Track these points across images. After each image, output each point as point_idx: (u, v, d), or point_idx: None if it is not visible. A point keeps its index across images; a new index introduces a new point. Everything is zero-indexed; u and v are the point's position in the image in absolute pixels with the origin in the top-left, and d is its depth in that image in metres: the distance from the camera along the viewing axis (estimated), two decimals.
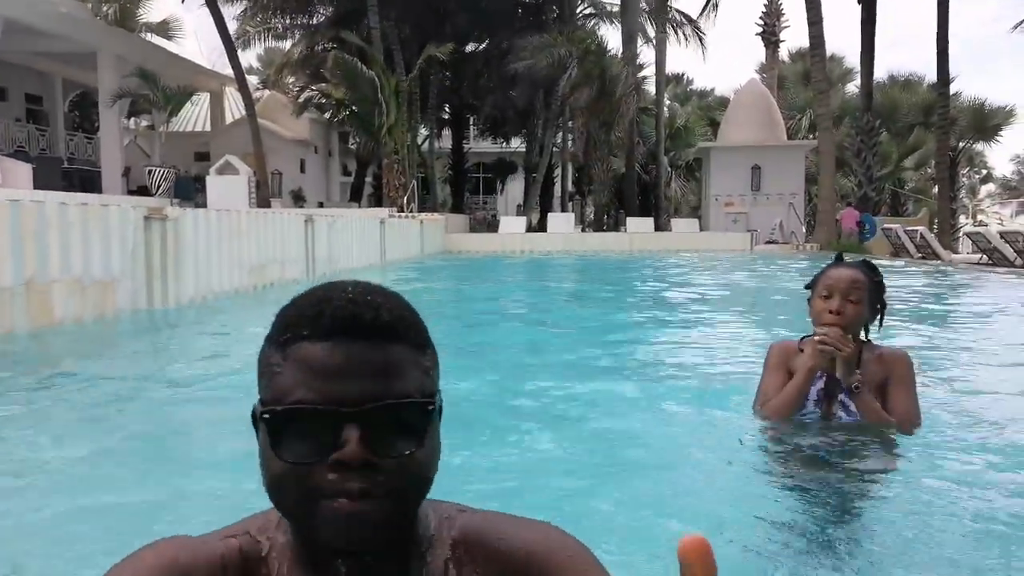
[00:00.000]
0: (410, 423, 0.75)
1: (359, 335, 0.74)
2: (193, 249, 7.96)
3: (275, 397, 0.75)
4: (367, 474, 0.72)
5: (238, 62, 22.81)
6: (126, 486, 2.64)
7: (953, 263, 15.37)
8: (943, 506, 2.24)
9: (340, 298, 0.76)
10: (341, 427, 0.72)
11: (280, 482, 0.74)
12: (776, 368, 2.65)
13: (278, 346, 0.77)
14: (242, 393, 4.11)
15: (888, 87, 30.72)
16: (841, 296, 2.46)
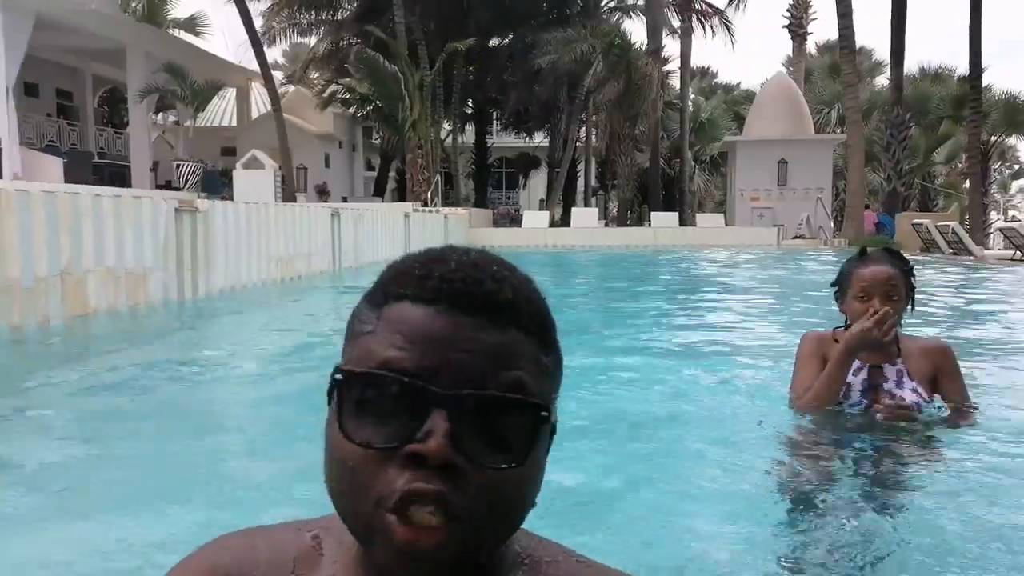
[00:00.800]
0: (514, 428, 0.58)
1: (473, 307, 0.59)
2: (223, 241, 8.03)
3: (359, 362, 0.59)
4: (448, 481, 0.55)
5: (264, 58, 22.98)
6: (154, 471, 2.65)
7: (985, 259, 15.10)
8: (986, 500, 2.19)
9: (457, 260, 0.62)
10: (428, 411, 0.56)
11: (340, 472, 0.57)
12: (810, 358, 2.58)
13: (373, 304, 0.63)
14: (270, 384, 4.13)
15: (918, 80, 30.21)
16: (881, 297, 2.40)
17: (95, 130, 23.62)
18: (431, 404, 0.55)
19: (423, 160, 22.93)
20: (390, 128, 24.62)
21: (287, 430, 3.11)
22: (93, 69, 23.28)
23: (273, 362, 4.76)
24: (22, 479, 2.56)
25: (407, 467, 0.55)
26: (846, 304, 2.50)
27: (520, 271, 0.65)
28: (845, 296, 2.50)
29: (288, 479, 2.45)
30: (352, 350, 0.62)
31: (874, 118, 28.02)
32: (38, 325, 5.45)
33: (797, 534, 1.99)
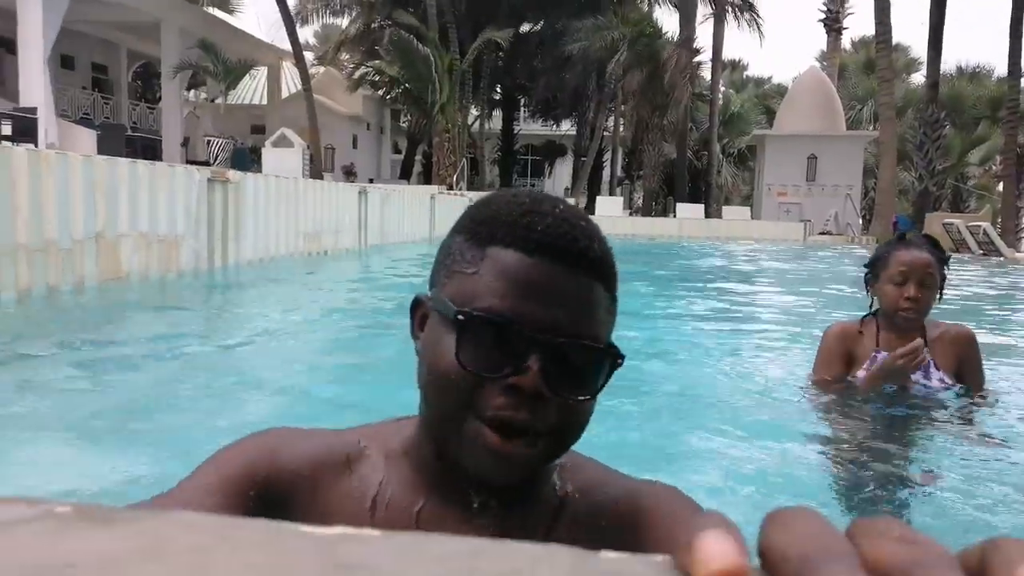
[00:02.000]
0: (591, 369, 0.70)
1: (567, 261, 0.69)
2: (253, 212, 8.14)
3: (461, 299, 0.69)
4: (535, 408, 0.68)
5: (296, 37, 23.08)
6: (173, 428, 2.73)
7: (1017, 260, 14.86)
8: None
9: (552, 213, 0.70)
10: (527, 352, 0.67)
11: (448, 387, 0.69)
12: (833, 355, 2.57)
13: (476, 243, 0.71)
14: (293, 351, 4.20)
15: (955, 79, 29.67)
16: (917, 282, 2.39)
17: (128, 104, 23.89)
18: (529, 347, 0.67)
19: (450, 144, 22.96)
20: (418, 111, 24.67)
21: (309, 395, 3.17)
22: (128, 43, 23.52)
23: (298, 330, 4.84)
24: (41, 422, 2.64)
25: (505, 393, 0.67)
26: (879, 286, 2.48)
27: (595, 224, 0.74)
28: (878, 278, 2.48)
29: None
30: (452, 284, 0.72)
31: (908, 116, 27.60)
32: (73, 286, 5.58)
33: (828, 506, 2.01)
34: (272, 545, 0.18)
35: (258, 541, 0.18)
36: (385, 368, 3.65)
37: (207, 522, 0.19)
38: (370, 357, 3.96)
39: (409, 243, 13.07)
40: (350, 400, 3.00)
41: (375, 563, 0.17)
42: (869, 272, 2.56)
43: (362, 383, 3.35)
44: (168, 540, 0.18)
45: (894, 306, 2.42)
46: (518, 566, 0.17)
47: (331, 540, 0.18)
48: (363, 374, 3.55)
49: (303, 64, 23.27)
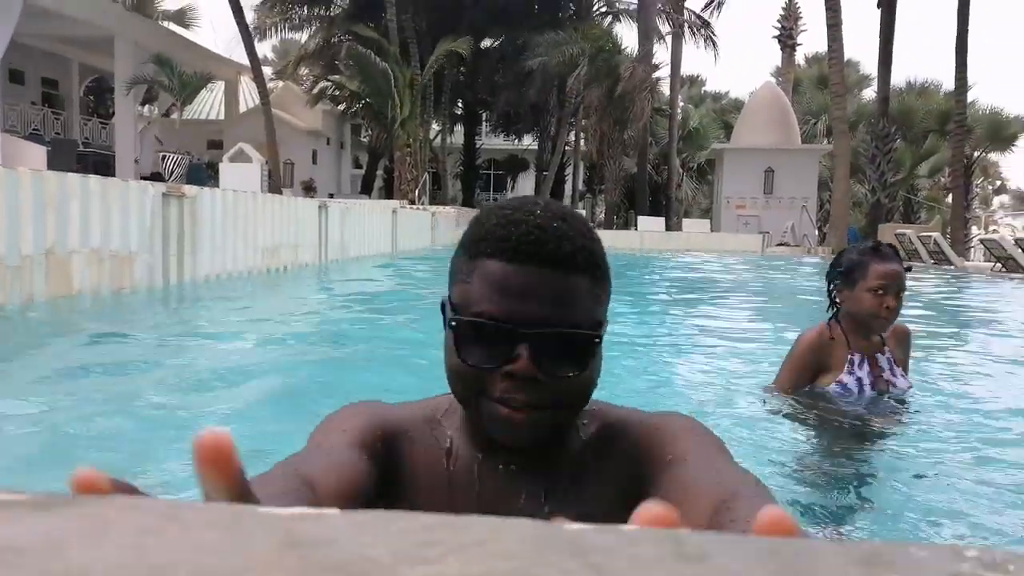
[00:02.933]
0: (577, 349, 0.83)
1: (541, 262, 0.81)
2: (210, 228, 7.98)
3: (461, 304, 0.85)
4: (532, 387, 0.82)
5: (254, 51, 22.86)
6: (120, 449, 2.63)
7: (966, 269, 15.30)
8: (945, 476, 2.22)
9: (528, 222, 0.82)
10: (516, 344, 0.81)
11: (458, 377, 0.86)
12: (805, 366, 2.60)
13: (469, 257, 0.86)
14: (249, 370, 4.10)
15: (904, 93, 30.56)
16: (894, 293, 2.46)
17: (80, 119, 23.38)
18: (517, 339, 0.81)
19: (411, 159, 22.90)
20: (379, 126, 24.57)
21: (259, 414, 3.08)
22: (80, 57, 23.05)
23: (252, 348, 4.73)
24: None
25: (504, 378, 0.82)
26: (854, 293, 2.51)
27: (577, 219, 0.86)
28: (854, 286, 2.51)
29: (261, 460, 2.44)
30: (456, 290, 0.87)
31: (860, 130, 28.30)
32: (22, 303, 5.39)
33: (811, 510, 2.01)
34: (223, 525, 0.17)
35: (209, 521, 0.17)
36: (344, 383, 3.59)
37: (153, 505, 0.19)
38: (329, 372, 3.89)
39: (371, 258, 12.95)
40: (308, 415, 2.93)
41: (332, 539, 0.17)
42: (840, 279, 2.58)
43: (320, 399, 3.27)
44: (113, 523, 0.17)
45: (872, 314, 2.47)
46: (479, 538, 0.17)
47: (287, 519, 0.18)
48: (321, 390, 3.47)
49: (261, 78, 23.04)
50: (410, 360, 4.26)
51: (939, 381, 3.65)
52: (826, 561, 0.17)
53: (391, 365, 4.09)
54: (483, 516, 0.20)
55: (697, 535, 0.18)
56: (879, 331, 2.54)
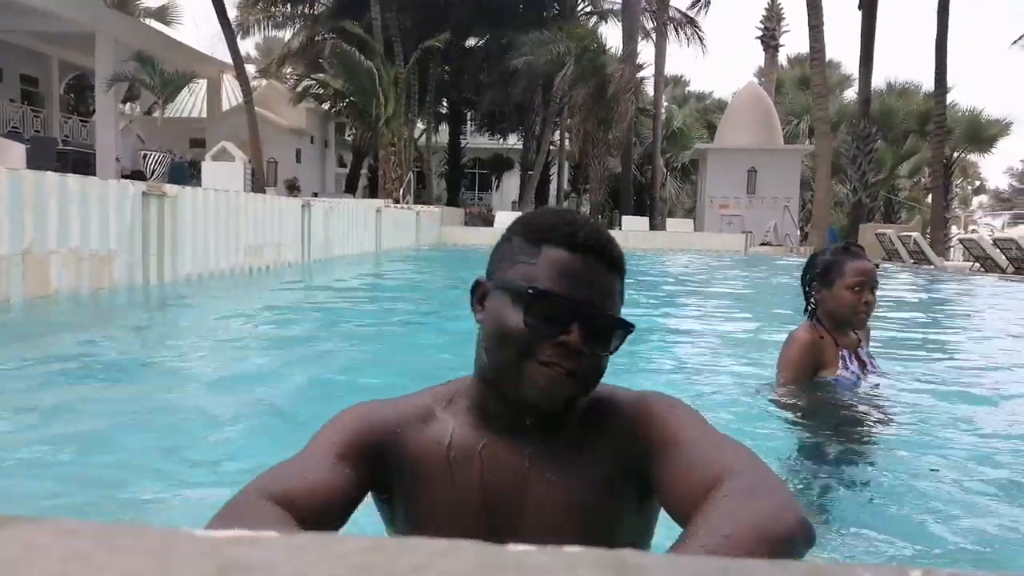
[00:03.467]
0: (612, 334, 1.01)
1: (599, 258, 1.01)
2: (191, 227, 7.92)
3: (526, 281, 1.00)
4: (575, 358, 0.98)
5: (237, 49, 22.70)
6: (104, 455, 2.61)
7: (945, 269, 15.47)
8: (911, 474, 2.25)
9: (588, 226, 1.03)
10: (572, 320, 0.98)
11: (512, 339, 0.99)
12: (804, 365, 2.64)
13: (532, 243, 1.02)
14: (228, 370, 4.08)
15: (885, 94, 30.84)
16: (871, 289, 2.55)
17: (60, 117, 23.11)
18: (574, 316, 0.98)
19: (396, 158, 22.83)
20: (363, 125, 24.49)
21: (238, 415, 3.06)
22: (60, 55, 22.79)
23: (234, 348, 4.71)
24: None
25: (556, 346, 0.98)
26: (832, 292, 2.57)
27: (613, 236, 1.06)
28: (831, 285, 2.58)
29: (241, 461, 2.43)
30: (515, 271, 1.02)
31: (842, 131, 28.54)
32: None
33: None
34: (155, 550, 0.17)
35: (141, 547, 0.17)
36: (326, 381, 3.58)
37: (86, 529, 0.18)
38: (311, 371, 3.87)
39: (355, 257, 12.91)
40: (290, 416, 2.92)
41: (267, 563, 0.16)
42: (818, 279, 2.64)
43: (301, 399, 3.26)
44: (43, 548, 0.16)
45: (852, 310, 2.55)
46: (418, 561, 0.16)
47: (222, 543, 0.17)
48: (303, 390, 3.46)
49: (244, 76, 22.88)
50: (393, 358, 4.26)
51: (920, 378, 3.70)
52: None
53: (375, 363, 4.08)
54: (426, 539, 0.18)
55: (640, 556, 0.17)
56: (859, 327, 2.62)
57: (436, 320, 6.10)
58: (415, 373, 3.61)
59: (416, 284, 10.33)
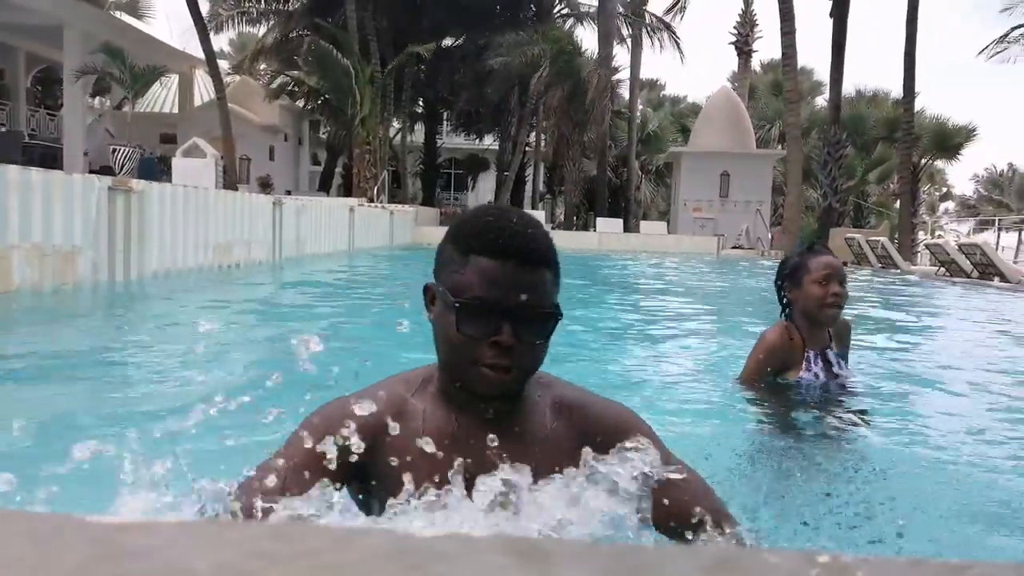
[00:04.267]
0: (542, 325, 1.14)
1: (520, 260, 1.12)
2: (158, 223, 7.81)
3: (456, 291, 1.13)
4: (511, 353, 1.11)
5: (209, 44, 22.41)
6: (61, 456, 2.56)
7: (912, 273, 15.75)
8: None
9: (509, 228, 1.13)
10: (501, 321, 1.11)
11: (455, 347, 1.13)
12: (769, 364, 2.72)
13: (460, 252, 1.15)
14: (189, 369, 4.02)
15: (855, 101, 31.31)
16: (838, 281, 2.63)
17: (27, 110, 22.67)
18: (502, 317, 1.11)
19: (370, 157, 22.71)
20: (338, 123, 24.34)
21: (199, 414, 3.01)
22: (27, 47, 22.35)
23: (197, 345, 4.64)
24: None
25: (491, 347, 1.11)
26: (802, 290, 2.66)
27: (540, 226, 1.17)
28: (800, 283, 2.67)
29: (203, 462, 2.39)
30: (447, 278, 1.16)
31: (813, 136, 28.93)
32: None
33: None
34: (42, 536, 0.16)
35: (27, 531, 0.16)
36: (293, 380, 3.54)
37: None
38: (275, 367, 3.82)
39: (327, 255, 12.81)
40: (253, 418, 2.88)
41: (154, 549, 0.15)
42: (787, 280, 2.73)
43: (266, 401, 3.22)
44: None
45: (821, 303, 2.62)
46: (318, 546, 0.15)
47: (112, 528, 0.16)
48: (269, 392, 3.41)
49: (217, 71, 22.60)
50: (360, 352, 4.23)
51: (883, 377, 3.76)
52: (674, 567, 0.16)
53: (342, 362, 4.05)
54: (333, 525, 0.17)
55: (544, 542, 0.19)
56: (831, 320, 2.67)
57: (402, 316, 6.08)
58: (381, 368, 3.59)
59: (386, 282, 10.28)
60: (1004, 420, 3.09)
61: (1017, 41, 22.41)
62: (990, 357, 5.09)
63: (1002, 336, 6.53)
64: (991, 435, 2.83)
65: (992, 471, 2.35)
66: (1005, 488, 2.18)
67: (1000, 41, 22.73)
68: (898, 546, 1.65)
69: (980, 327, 7.34)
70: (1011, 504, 2.04)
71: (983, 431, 2.88)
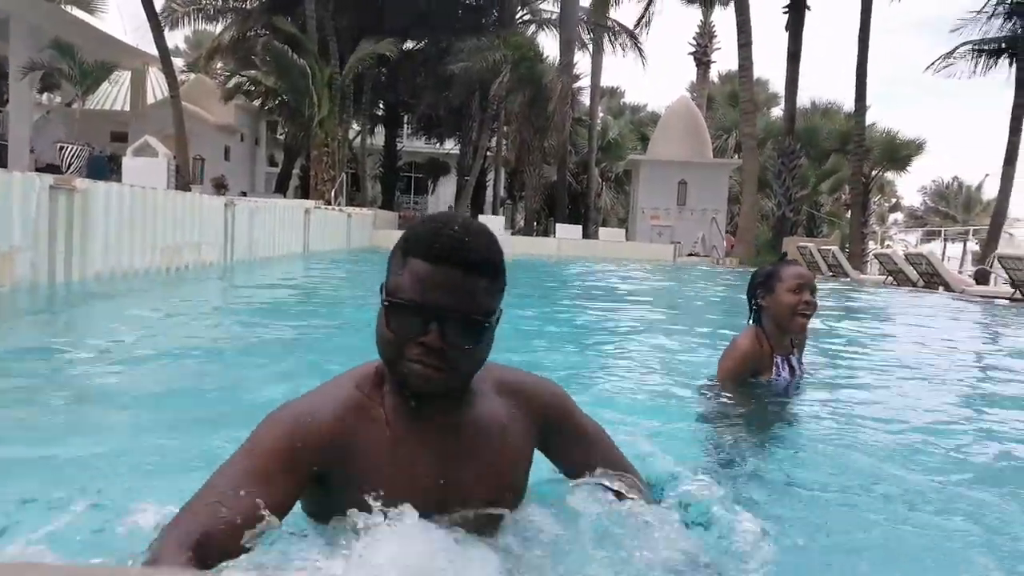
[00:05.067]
0: (473, 329, 1.17)
1: (453, 265, 1.15)
2: (103, 224, 7.59)
3: (394, 291, 1.18)
4: (439, 355, 1.15)
5: (163, 40, 21.94)
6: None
7: (861, 281, 16.12)
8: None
9: (447, 235, 1.16)
10: (430, 322, 1.15)
11: (386, 344, 1.18)
12: (743, 371, 2.81)
13: (402, 254, 1.20)
14: (132, 373, 3.90)
15: (809, 113, 32.01)
16: (810, 291, 2.73)
17: None
18: (431, 319, 1.15)
19: (328, 159, 22.46)
20: (296, 124, 24.02)
21: (140, 422, 2.92)
22: None
23: (138, 349, 4.50)
24: None
25: (418, 346, 1.15)
26: (775, 297, 2.75)
27: (484, 232, 1.21)
28: (774, 291, 2.76)
29: (148, 476, 2.31)
30: (390, 281, 1.20)
31: (768, 147, 29.47)
32: None
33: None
34: None
35: None
36: (241, 385, 3.45)
37: None
38: (225, 376, 3.73)
39: (281, 258, 12.61)
40: (197, 425, 2.79)
41: None
42: (761, 287, 2.82)
43: (213, 407, 3.13)
44: None
45: (793, 311, 2.71)
46: None
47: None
48: (216, 397, 3.32)
49: (171, 68, 22.14)
50: (309, 360, 4.15)
51: (836, 381, 3.83)
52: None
53: (290, 367, 3.96)
54: (118, 568, 0.20)
55: None
56: (799, 328, 2.77)
57: (346, 319, 6.00)
58: (325, 372, 3.53)
59: (339, 286, 10.15)
60: (934, 418, 3.17)
61: (963, 57, 23.16)
62: (924, 361, 5.22)
63: (941, 343, 6.70)
64: (924, 428, 2.90)
65: (915, 451, 2.38)
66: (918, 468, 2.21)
67: (947, 57, 23.47)
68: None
69: (923, 331, 7.54)
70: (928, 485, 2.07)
71: (920, 424, 2.96)
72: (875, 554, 1.71)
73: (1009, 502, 2.09)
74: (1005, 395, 4.19)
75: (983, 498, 2.11)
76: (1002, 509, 2.03)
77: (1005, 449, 2.78)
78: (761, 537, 1.42)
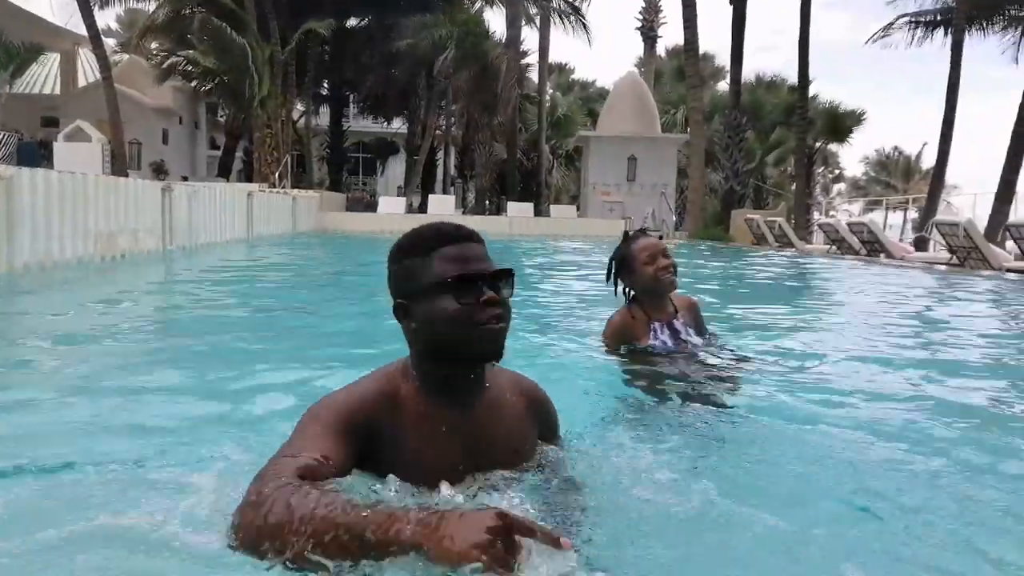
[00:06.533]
0: (510, 279, 1.46)
1: (468, 239, 1.45)
2: (30, 212, 7.25)
3: (439, 278, 1.40)
4: (497, 306, 1.41)
5: (93, 20, 21.05)
6: None
7: (806, 251, 16.45)
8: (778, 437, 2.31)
9: (444, 224, 1.47)
10: (481, 284, 1.40)
11: (455, 324, 1.39)
12: (616, 342, 3.00)
13: (422, 256, 1.43)
14: (65, 371, 3.72)
15: (755, 87, 32.37)
16: (662, 254, 2.88)
17: None
18: (481, 282, 1.41)
19: (272, 140, 21.95)
20: (236, 105, 23.38)
21: (70, 421, 2.76)
22: None
23: (69, 345, 4.30)
24: None
25: (485, 305, 1.40)
26: (636, 276, 2.91)
27: None
28: (633, 270, 2.91)
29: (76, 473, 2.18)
30: (421, 282, 1.43)
31: (715, 121, 29.76)
32: None
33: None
34: None
35: None
36: (180, 381, 3.30)
37: None
38: (161, 370, 3.57)
39: (223, 244, 12.28)
40: (133, 423, 2.65)
41: None
42: (621, 274, 2.97)
43: (149, 403, 2.98)
44: None
45: (655, 277, 2.85)
46: None
47: None
48: (153, 393, 3.16)
49: (102, 50, 21.28)
50: (255, 351, 4.00)
51: (774, 349, 3.85)
52: None
53: (235, 359, 3.82)
54: None
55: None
56: (671, 286, 2.91)
57: (287, 304, 5.85)
58: (276, 359, 3.41)
59: (280, 270, 9.92)
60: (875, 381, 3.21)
61: (900, 29, 23.65)
62: (854, 323, 5.33)
63: (877, 306, 6.85)
64: (861, 397, 2.93)
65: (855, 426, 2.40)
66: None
67: (886, 29, 23.94)
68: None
69: (862, 297, 7.71)
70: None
71: (859, 393, 2.99)
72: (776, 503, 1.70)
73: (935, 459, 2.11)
74: (939, 359, 4.28)
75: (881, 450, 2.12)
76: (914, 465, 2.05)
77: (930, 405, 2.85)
78: None
